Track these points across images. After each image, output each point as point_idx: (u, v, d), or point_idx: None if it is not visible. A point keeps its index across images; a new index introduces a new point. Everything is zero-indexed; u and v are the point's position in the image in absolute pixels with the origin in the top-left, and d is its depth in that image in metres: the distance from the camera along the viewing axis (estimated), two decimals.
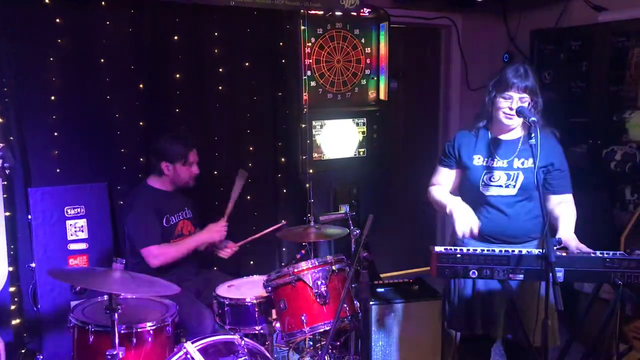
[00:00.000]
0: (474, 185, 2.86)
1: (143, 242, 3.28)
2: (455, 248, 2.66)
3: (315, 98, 4.54)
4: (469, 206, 2.76)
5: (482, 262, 2.59)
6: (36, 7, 3.49)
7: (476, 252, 2.62)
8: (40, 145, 3.58)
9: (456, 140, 2.95)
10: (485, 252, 2.62)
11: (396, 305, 3.45)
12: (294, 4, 4.11)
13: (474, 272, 2.59)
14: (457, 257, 2.59)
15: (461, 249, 2.65)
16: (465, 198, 2.84)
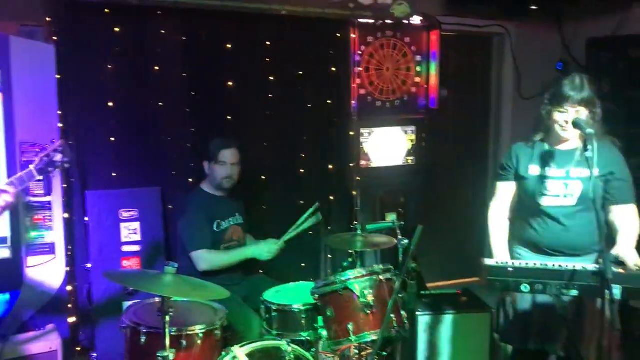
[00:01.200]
0: (530, 196, 2.81)
1: (193, 245, 3.35)
2: (507, 261, 2.61)
3: (364, 106, 4.54)
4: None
5: (534, 276, 2.53)
6: (96, 15, 3.61)
7: (529, 265, 2.57)
8: (97, 150, 3.71)
9: (513, 152, 2.91)
10: (538, 266, 2.56)
11: (444, 317, 3.41)
12: (345, 13, 4.13)
13: (526, 286, 2.53)
14: (508, 271, 2.54)
15: (513, 262, 2.61)
16: (522, 209, 2.79)
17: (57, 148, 2.52)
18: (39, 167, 2.46)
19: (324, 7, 4.04)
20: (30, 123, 3.22)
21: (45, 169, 2.48)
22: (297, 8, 3.95)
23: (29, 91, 3.21)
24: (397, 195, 4.71)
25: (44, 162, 2.47)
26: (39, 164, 2.46)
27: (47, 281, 3.36)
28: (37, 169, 2.46)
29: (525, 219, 2.89)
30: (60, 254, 3.36)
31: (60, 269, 3.43)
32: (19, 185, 2.40)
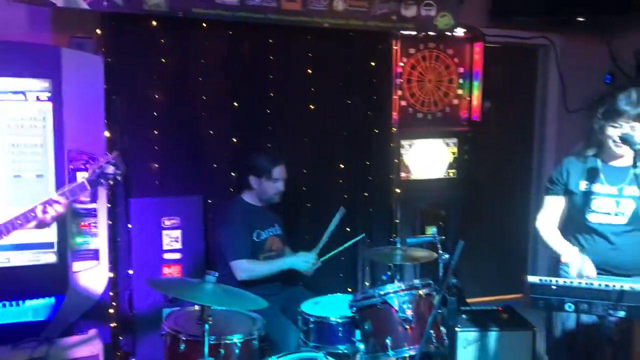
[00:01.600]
0: (579, 212, 2.74)
1: (233, 255, 3.38)
2: (551, 279, 2.55)
3: (405, 117, 4.52)
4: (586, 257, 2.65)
5: (579, 296, 2.45)
6: (143, 28, 3.70)
7: (573, 284, 2.49)
8: (141, 158, 3.78)
9: (564, 166, 2.85)
10: (584, 285, 2.48)
11: (484, 334, 3.34)
12: (387, 25, 4.13)
13: (571, 306, 2.46)
14: (552, 289, 2.47)
15: (557, 280, 2.53)
16: (569, 225, 2.73)
17: (110, 160, 2.49)
18: (90, 179, 2.45)
19: (366, 19, 4.04)
20: (78, 131, 3.31)
21: (97, 181, 2.46)
22: (339, 21, 3.97)
23: (78, 101, 3.30)
24: (438, 209, 4.66)
25: (95, 174, 2.44)
26: (91, 175, 2.44)
27: (90, 286, 3.44)
28: (88, 181, 2.44)
29: (573, 235, 2.82)
30: (103, 260, 3.44)
31: (104, 275, 3.50)
32: (71, 196, 2.40)
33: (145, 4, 3.48)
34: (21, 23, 3.56)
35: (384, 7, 4.06)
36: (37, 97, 3.23)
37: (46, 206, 2.27)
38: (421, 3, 4.18)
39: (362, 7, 4.00)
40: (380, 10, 4.05)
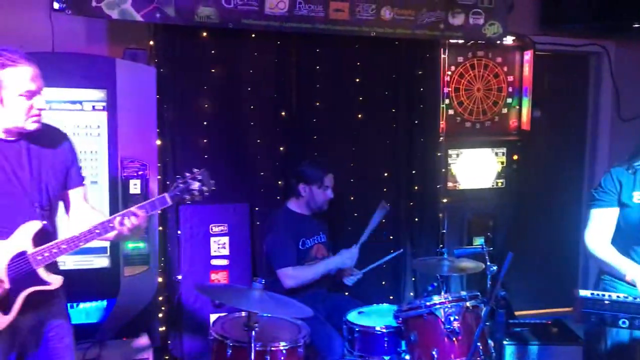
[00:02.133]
0: (633, 225, 2.64)
1: (280, 262, 3.41)
2: (604, 293, 2.47)
3: (453, 126, 4.48)
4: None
5: (634, 311, 2.37)
6: (194, 39, 3.80)
7: (628, 299, 2.42)
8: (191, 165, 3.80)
9: (614, 176, 2.71)
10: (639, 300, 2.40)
11: (533, 348, 3.27)
12: (435, 34, 4.11)
13: (625, 322, 2.38)
14: (605, 304, 2.40)
15: (610, 294, 2.46)
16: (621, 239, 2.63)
17: (196, 176, 2.33)
18: (172, 193, 2.30)
19: (414, 28, 4.03)
20: (131, 140, 3.40)
21: (180, 196, 2.31)
22: (387, 29, 3.97)
23: (131, 110, 3.39)
24: (486, 219, 4.59)
25: (179, 189, 2.30)
26: (174, 190, 2.30)
27: (141, 290, 3.52)
28: (170, 196, 2.30)
29: (625, 249, 2.72)
30: (154, 265, 3.51)
31: (154, 280, 3.58)
32: (150, 209, 2.28)
33: (197, 16, 3.57)
34: (79, 35, 3.70)
35: (431, 16, 4.05)
36: (93, 106, 3.34)
37: (124, 218, 2.21)
38: (469, 11, 4.14)
39: (409, 16, 4.00)
40: (427, 19, 4.04)
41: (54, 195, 2.28)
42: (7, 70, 2.09)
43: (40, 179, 2.22)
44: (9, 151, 2.18)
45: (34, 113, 2.15)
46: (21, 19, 3.57)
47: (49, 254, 2.16)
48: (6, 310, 2.15)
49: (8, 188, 2.16)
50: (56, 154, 2.30)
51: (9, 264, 2.14)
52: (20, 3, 3.58)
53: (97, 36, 3.75)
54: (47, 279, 2.19)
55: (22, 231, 2.15)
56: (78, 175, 2.39)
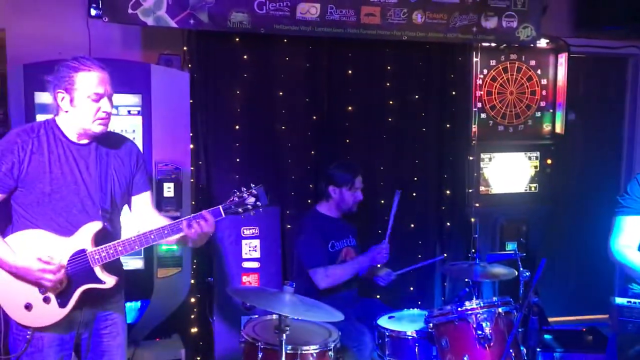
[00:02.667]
0: None
1: (311, 263, 3.43)
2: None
3: (485, 130, 4.44)
4: None
5: None
6: (228, 44, 3.85)
7: None
8: (223, 169, 3.92)
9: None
10: None
11: (567, 355, 3.21)
12: (468, 37, 4.07)
13: None
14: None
15: None
16: None
17: (253, 191, 2.38)
18: (226, 206, 2.37)
19: (446, 32, 4.01)
20: (165, 144, 3.46)
21: (233, 210, 2.37)
22: (418, 33, 3.96)
23: (165, 114, 3.44)
24: (519, 224, 4.53)
25: (234, 202, 2.36)
26: (229, 203, 2.37)
27: (174, 292, 3.57)
28: (224, 208, 2.36)
29: None
30: (186, 267, 3.56)
31: (186, 281, 3.63)
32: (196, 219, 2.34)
33: (230, 22, 3.61)
34: (114, 41, 3.79)
35: (463, 19, 4.02)
36: (129, 111, 3.40)
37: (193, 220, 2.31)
38: (502, 14, 4.10)
39: (441, 20, 3.98)
40: (460, 23, 4.01)
41: (117, 199, 2.39)
42: (80, 74, 2.24)
43: (106, 182, 2.34)
44: (79, 154, 2.31)
45: (100, 116, 2.27)
46: (60, 26, 3.68)
47: (106, 254, 2.27)
48: (63, 304, 2.28)
49: (74, 189, 2.28)
50: (123, 161, 2.42)
51: (69, 260, 2.26)
52: (58, 11, 3.69)
53: (132, 42, 3.83)
54: (103, 278, 2.29)
55: (84, 230, 2.27)
56: (143, 182, 2.50)
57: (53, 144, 2.28)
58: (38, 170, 2.24)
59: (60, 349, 2.33)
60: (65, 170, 2.28)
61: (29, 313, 2.27)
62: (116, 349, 2.46)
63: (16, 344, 2.32)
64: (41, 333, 2.30)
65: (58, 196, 2.26)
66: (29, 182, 2.24)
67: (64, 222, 2.27)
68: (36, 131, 2.29)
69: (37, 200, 2.25)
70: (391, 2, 3.86)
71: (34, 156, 2.25)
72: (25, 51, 3.51)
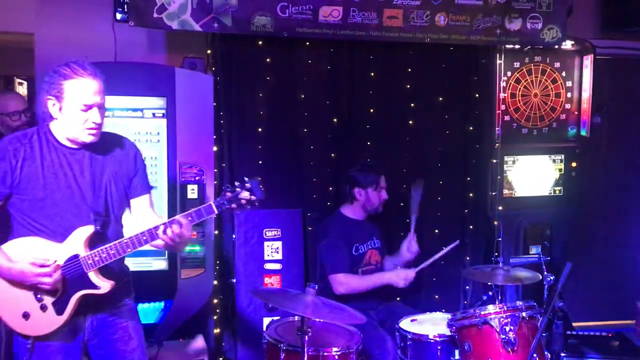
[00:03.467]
0: None
1: (332, 268, 3.43)
2: None
3: (509, 133, 4.41)
4: None
5: None
6: (251, 47, 3.88)
7: None
8: (246, 171, 3.90)
9: None
10: None
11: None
12: (491, 39, 4.05)
13: None
14: None
15: None
16: None
17: (246, 185, 2.28)
18: (219, 202, 2.27)
19: (469, 34, 3.98)
20: (189, 146, 3.49)
21: (226, 205, 2.27)
22: (441, 35, 3.94)
23: (189, 117, 3.48)
24: (543, 228, 4.48)
25: (226, 197, 2.26)
26: (221, 199, 2.27)
27: (197, 293, 3.60)
28: (216, 204, 2.26)
29: None
30: (209, 268, 3.59)
31: (209, 282, 3.66)
32: (196, 218, 2.26)
33: (253, 25, 3.64)
34: (139, 45, 3.84)
35: (487, 21, 3.99)
36: (153, 113, 3.45)
37: (167, 227, 2.21)
38: (527, 16, 4.06)
39: (464, 22, 3.96)
40: (483, 24, 3.99)
41: (114, 203, 2.34)
42: (69, 81, 2.18)
43: (100, 186, 2.29)
44: (72, 158, 2.27)
45: (89, 126, 2.21)
46: (86, 30, 3.74)
47: (99, 258, 2.21)
48: (60, 311, 2.23)
49: (68, 193, 2.24)
50: (119, 164, 2.36)
51: (63, 266, 2.22)
52: (85, 15, 3.75)
53: (156, 45, 3.88)
54: (98, 283, 2.24)
55: (76, 235, 2.23)
56: (142, 185, 2.44)
57: (46, 150, 2.24)
58: (31, 176, 2.21)
59: (66, 357, 2.28)
60: (59, 175, 2.23)
61: (27, 322, 2.23)
62: (131, 354, 2.39)
63: (20, 354, 2.29)
64: (44, 342, 2.25)
65: (51, 201, 2.22)
66: (23, 189, 2.21)
67: (58, 228, 2.23)
68: (28, 137, 2.25)
69: (32, 206, 2.22)
70: (414, 5, 3.86)
71: (27, 162, 2.21)
72: (53, 55, 3.57)
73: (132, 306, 2.47)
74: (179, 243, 2.26)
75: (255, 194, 2.28)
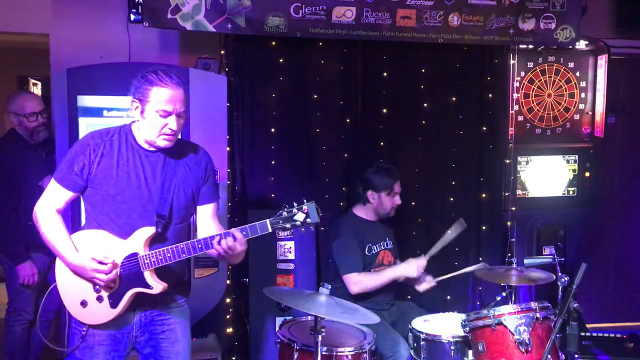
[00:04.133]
0: None
1: (346, 268, 3.43)
2: None
3: (522, 133, 4.40)
4: None
5: None
6: (264, 48, 3.89)
7: None
8: (259, 171, 3.96)
9: None
10: None
11: None
12: (505, 39, 4.03)
13: None
14: None
15: None
16: None
17: (303, 208, 2.30)
18: (274, 220, 2.30)
19: (482, 34, 3.98)
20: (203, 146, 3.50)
21: (281, 225, 2.30)
22: (455, 36, 3.94)
23: (203, 117, 3.49)
24: (556, 228, 4.46)
25: (282, 216, 2.29)
26: (276, 217, 2.30)
27: (210, 292, 3.62)
28: (271, 222, 2.30)
29: None
30: (222, 268, 3.61)
31: (222, 282, 3.68)
32: (250, 234, 2.30)
33: (266, 26, 3.65)
34: (153, 45, 3.87)
35: (500, 21, 3.98)
36: None
37: (222, 238, 2.26)
38: (540, 16, 4.05)
39: (478, 22, 3.95)
40: (496, 24, 3.98)
41: (180, 208, 2.39)
42: (155, 88, 2.26)
43: (169, 191, 2.35)
44: (147, 160, 2.35)
45: (166, 132, 2.29)
46: (101, 31, 3.77)
47: (155, 259, 2.28)
48: (115, 305, 2.32)
49: (137, 193, 2.32)
50: (190, 171, 2.42)
51: (123, 261, 2.30)
52: (99, 16, 3.78)
53: (169, 46, 3.90)
54: (151, 283, 2.30)
55: (138, 234, 2.31)
56: (209, 194, 2.48)
57: (124, 149, 2.33)
58: (106, 172, 2.30)
59: (111, 349, 2.36)
60: (131, 175, 2.32)
61: (84, 310, 2.33)
62: (175, 356, 2.43)
63: (73, 338, 2.38)
64: (94, 330, 2.35)
65: (121, 199, 2.30)
66: (97, 183, 2.30)
67: (124, 225, 2.31)
68: (110, 135, 2.35)
69: (103, 201, 2.31)
70: (427, 5, 3.85)
71: (104, 159, 2.30)
72: (68, 56, 3.62)
73: (184, 307, 2.52)
74: (232, 256, 2.32)
75: (311, 217, 2.31)
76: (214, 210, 2.52)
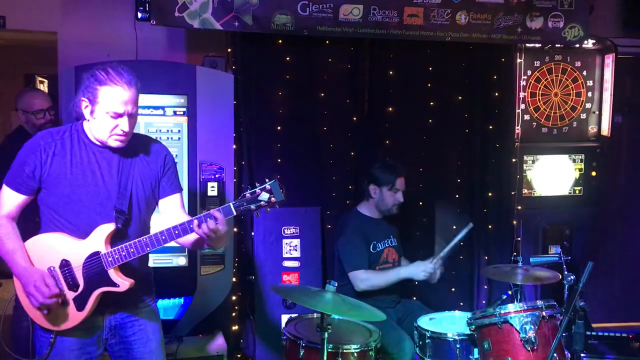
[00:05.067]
0: None
1: (351, 265, 3.44)
2: None
3: (529, 132, 4.39)
4: None
5: None
6: (271, 46, 3.90)
7: None
8: (265, 169, 3.96)
9: None
10: None
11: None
12: (513, 38, 4.03)
13: None
14: None
15: None
16: None
17: (266, 187, 2.23)
18: (237, 203, 2.24)
19: (490, 32, 3.97)
20: (209, 144, 3.51)
21: (246, 207, 2.23)
22: (462, 34, 3.93)
23: (210, 115, 3.50)
24: (562, 227, 4.45)
25: (245, 198, 2.23)
26: (239, 200, 2.24)
27: (216, 289, 3.63)
28: (235, 206, 2.24)
29: None
30: (228, 265, 3.62)
31: (228, 279, 3.69)
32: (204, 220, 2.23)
33: (273, 24, 3.66)
34: (160, 43, 3.89)
35: (508, 20, 3.97)
36: (175, 112, 3.48)
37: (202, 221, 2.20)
38: (548, 14, 4.04)
39: (485, 20, 3.94)
40: (504, 23, 3.97)
41: (140, 203, 2.34)
42: (104, 88, 2.19)
43: (126, 186, 2.30)
44: (101, 157, 2.29)
45: (117, 133, 2.23)
46: (108, 29, 3.79)
47: (119, 256, 2.22)
48: (81, 307, 2.25)
49: (94, 190, 2.26)
50: (148, 166, 2.37)
51: (84, 262, 2.24)
52: (107, 14, 3.80)
53: (177, 44, 3.92)
54: (117, 280, 2.24)
55: (97, 232, 2.24)
56: (170, 186, 2.43)
57: (76, 147, 2.27)
58: (59, 172, 2.24)
59: (82, 353, 2.30)
60: (87, 172, 2.25)
61: (48, 316, 2.25)
62: (149, 356, 2.38)
63: (41, 346, 2.31)
64: (63, 337, 2.28)
65: (77, 197, 2.24)
66: (51, 184, 2.24)
67: (82, 224, 2.25)
68: (61, 134, 2.28)
69: (58, 202, 2.25)
70: (435, 3, 3.85)
71: (56, 158, 2.24)
72: (76, 54, 3.64)
73: (152, 307, 2.47)
74: (214, 239, 2.25)
75: (275, 195, 2.24)
76: (181, 202, 2.47)
